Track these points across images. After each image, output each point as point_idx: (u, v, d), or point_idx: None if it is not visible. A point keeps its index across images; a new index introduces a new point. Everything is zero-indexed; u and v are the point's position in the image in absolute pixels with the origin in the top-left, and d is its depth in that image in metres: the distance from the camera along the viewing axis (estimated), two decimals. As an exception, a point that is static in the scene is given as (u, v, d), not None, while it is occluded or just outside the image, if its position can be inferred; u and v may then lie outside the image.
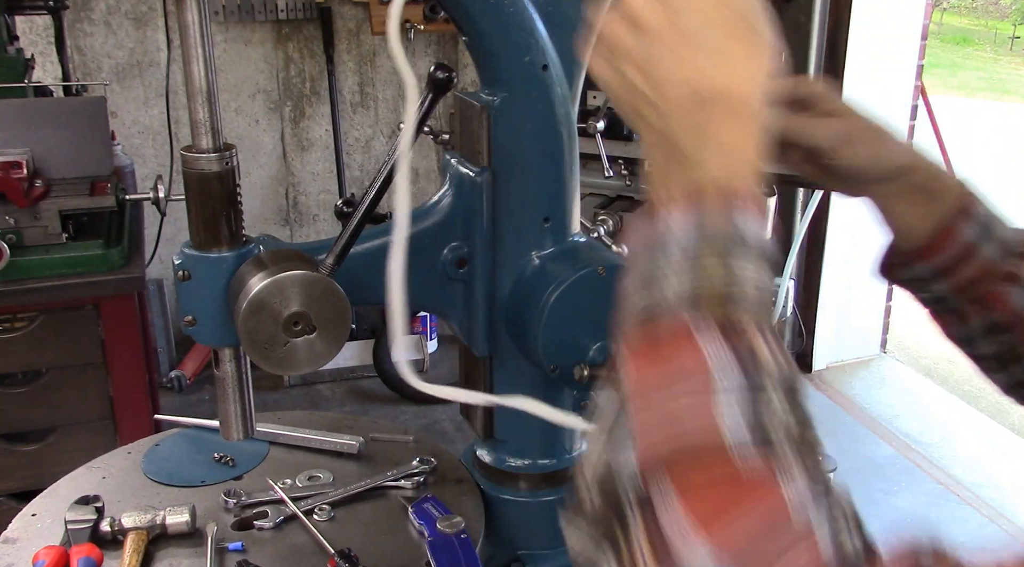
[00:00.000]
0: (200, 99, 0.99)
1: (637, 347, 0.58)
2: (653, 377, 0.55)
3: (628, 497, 0.53)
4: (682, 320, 0.56)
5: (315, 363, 1.05)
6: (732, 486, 0.50)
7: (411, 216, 1.17)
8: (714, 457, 0.51)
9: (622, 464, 0.54)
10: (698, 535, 0.49)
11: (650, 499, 0.52)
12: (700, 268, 0.57)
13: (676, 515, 0.50)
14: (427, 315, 4.20)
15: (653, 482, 0.52)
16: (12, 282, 2.14)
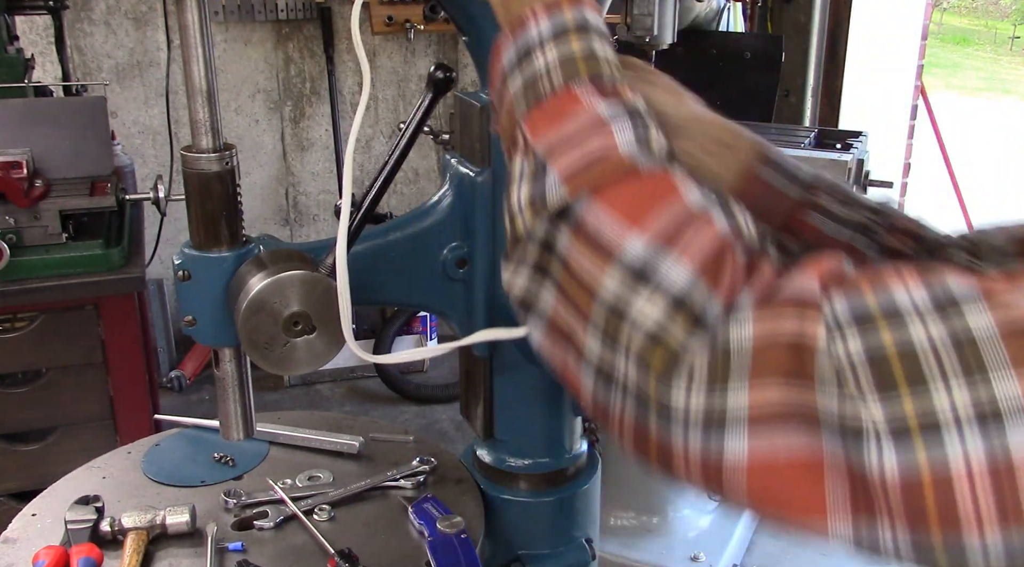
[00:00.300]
0: (200, 99, 0.99)
1: (532, 118, 0.73)
2: (557, 134, 0.71)
3: (551, 224, 0.69)
4: (566, 88, 0.73)
5: (315, 363, 1.05)
6: (646, 191, 0.67)
7: (410, 215, 1.17)
8: (627, 174, 0.68)
9: (542, 193, 0.70)
10: (631, 229, 0.65)
11: (577, 217, 0.67)
12: (567, 45, 0.75)
13: (605, 218, 0.66)
14: (427, 315, 4.20)
15: (577, 203, 0.67)
16: (12, 282, 2.14)
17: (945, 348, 0.56)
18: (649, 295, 0.63)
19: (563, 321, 0.69)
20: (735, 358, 0.60)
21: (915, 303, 0.58)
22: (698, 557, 2.73)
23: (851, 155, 2.34)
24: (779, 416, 0.59)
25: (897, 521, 0.57)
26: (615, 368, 0.65)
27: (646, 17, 2.35)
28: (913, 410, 0.55)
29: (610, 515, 2.82)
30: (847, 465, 0.58)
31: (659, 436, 0.64)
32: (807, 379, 0.58)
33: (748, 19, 3.58)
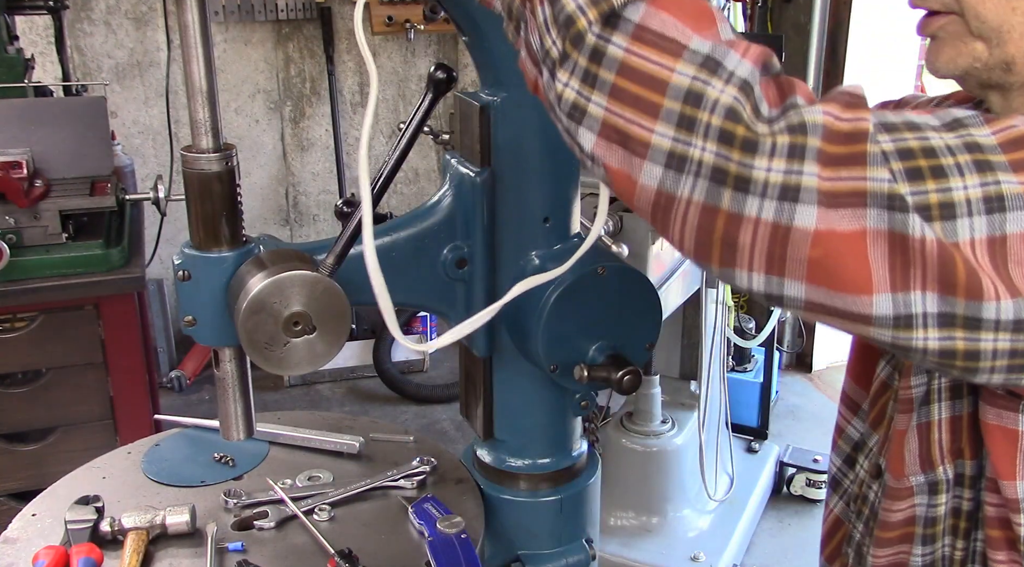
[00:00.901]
0: (200, 99, 0.99)
1: None
2: None
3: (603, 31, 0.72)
4: None
5: (315, 363, 1.05)
6: (699, 8, 0.72)
7: (411, 215, 1.17)
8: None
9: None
10: (696, 31, 0.71)
11: (634, 23, 0.71)
12: None
13: (670, 21, 0.71)
14: (427, 315, 4.20)
15: (634, 8, 0.71)
16: (12, 282, 2.14)
17: (959, 150, 0.69)
18: (724, 81, 0.69)
19: (618, 122, 0.72)
20: (810, 137, 0.68)
21: (927, 121, 0.71)
22: (698, 557, 2.73)
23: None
24: (838, 200, 0.67)
25: (929, 287, 0.68)
26: (691, 147, 0.70)
27: (646, 17, 2.35)
28: (936, 197, 0.68)
29: (610, 515, 2.82)
30: (889, 235, 0.67)
31: (731, 210, 0.70)
32: (861, 162, 0.67)
33: (748, 19, 3.58)
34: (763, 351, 3.48)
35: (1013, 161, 0.68)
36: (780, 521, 3.20)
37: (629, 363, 1.12)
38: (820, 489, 3.25)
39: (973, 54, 0.85)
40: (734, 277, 0.72)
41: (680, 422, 2.88)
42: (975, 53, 0.85)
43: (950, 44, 0.86)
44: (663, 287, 2.35)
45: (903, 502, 0.97)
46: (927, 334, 0.69)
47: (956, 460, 0.93)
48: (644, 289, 1.17)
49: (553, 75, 0.76)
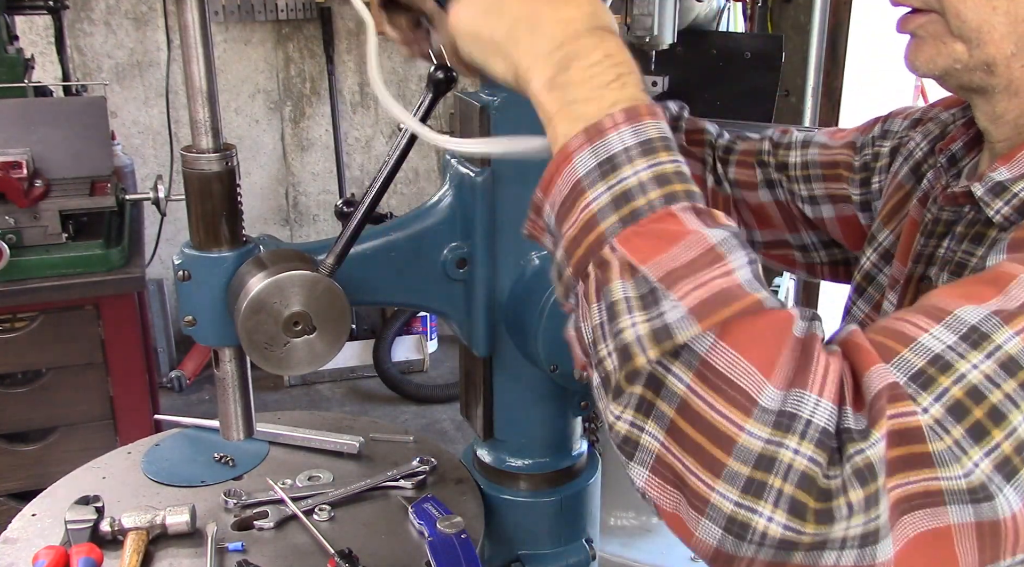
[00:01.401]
0: (200, 99, 0.99)
1: (631, 239, 0.67)
2: (668, 258, 0.66)
3: (665, 361, 0.65)
4: (667, 210, 0.68)
5: (315, 363, 1.04)
6: (772, 331, 0.65)
7: (411, 215, 1.17)
8: (753, 313, 0.65)
9: (665, 325, 0.65)
10: (767, 377, 0.63)
11: (701, 357, 0.64)
12: (658, 162, 0.69)
13: (740, 364, 0.63)
14: (427, 315, 4.20)
15: (701, 341, 0.64)
16: (12, 282, 2.14)
17: (999, 377, 0.63)
18: (799, 437, 0.62)
19: (674, 463, 0.65)
20: (880, 476, 0.62)
21: (947, 344, 0.65)
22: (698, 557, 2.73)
23: (851, 155, 2.33)
24: (910, 504, 0.63)
25: (1019, 550, 0.64)
26: (755, 516, 0.63)
27: (646, 17, 2.35)
28: (1006, 440, 0.63)
29: (610, 515, 2.82)
30: (978, 526, 0.63)
31: (804, 564, 0.64)
32: (927, 462, 0.63)
33: (748, 19, 3.58)
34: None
35: None
36: (780, 521, 3.20)
37: (629, 363, 1.12)
38: (820, 489, 3.24)
39: (953, 55, 0.83)
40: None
41: (680, 422, 2.88)
42: (955, 54, 0.83)
43: (930, 43, 0.85)
44: (663, 287, 2.35)
45: None
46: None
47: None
48: (644, 289, 1.17)
49: (605, 394, 0.69)
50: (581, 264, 0.71)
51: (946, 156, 0.98)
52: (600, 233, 0.69)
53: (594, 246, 0.69)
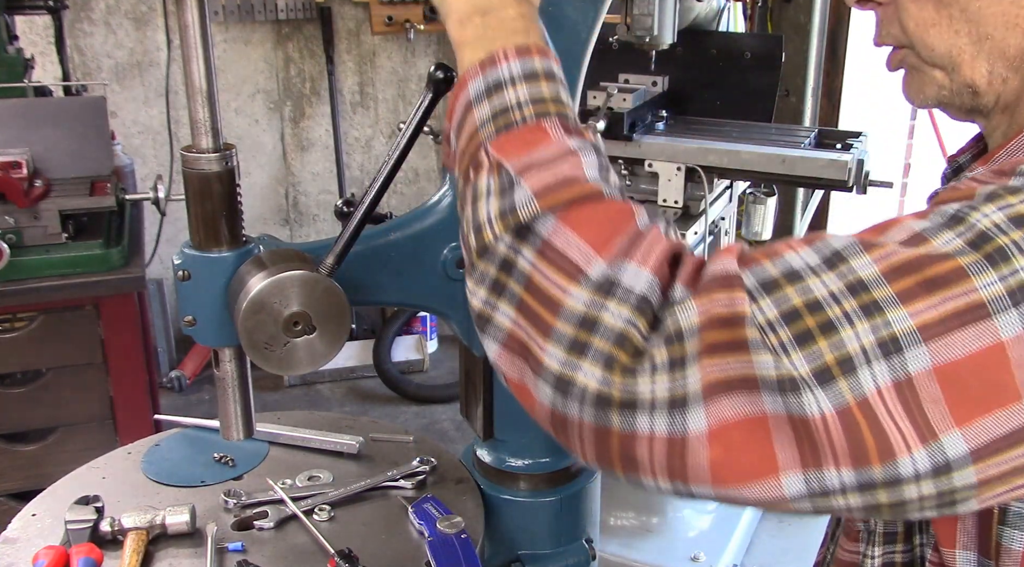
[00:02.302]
0: (200, 99, 0.99)
1: (502, 142, 0.78)
2: (528, 157, 0.76)
3: (514, 242, 0.74)
4: (535, 119, 0.79)
5: (315, 363, 1.05)
6: (608, 216, 0.74)
7: (411, 215, 1.17)
8: (592, 199, 0.74)
9: (512, 206, 0.75)
10: (596, 250, 0.71)
11: (542, 237, 0.73)
12: (537, 87, 0.81)
13: (573, 240, 0.72)
14: (427, 315, 4.20)
15: (544, 221, 0.73)
16: (12, 282, 2.14)
17: (843, 295, 0.65)
18: (618, 301, 0.69)
19: (521, 335, 0.73)
20: (688, 342, 0.67)
21: (807, 262, 0.67)
22: (698, 557, 2.73)
23: (851, 155, 2.34)
24: (728, 387, 0.65)
25: (842, 464, 0.64)
26: (577, 373, 0.70)
27: (646, 17, 2.35)
28: (831, 355, 0.64)
29: (610, 515, 2.82)
30: (789, 419, 0.64)
31: (623, 430, 0.69)
32: (744, 347, 0.65)
33: (748, 19, 3.58)
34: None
35: (900, 292, 0.64)
36: (780, 521, 3.20)
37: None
38: (820, 489, 3.24)
39: (936, 82, 0.85)
40: (641, 483, 0.72)
41: (680, 422, 2.88)
42: (937, 81, 0.85)
43: (915, 76, 0.87)
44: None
45: (852, 544, 0.98)
46: (848, 500, 0.66)
47: None
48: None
49: (466, 278, 0.79)
50: (465, 169, 0.82)
51: (952, 167, 0.99)
52: (479, 141, 0.80)
53: (475, 152, 0.80)
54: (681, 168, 2.38)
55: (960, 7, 0.80)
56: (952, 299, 0.63)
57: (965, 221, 0.66)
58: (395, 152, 1.06)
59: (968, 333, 0.63)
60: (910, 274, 0.64)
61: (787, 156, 2.36)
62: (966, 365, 0.63)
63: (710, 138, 2.47)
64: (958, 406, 0.63)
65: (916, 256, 0.65)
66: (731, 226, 2.92)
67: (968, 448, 0.63)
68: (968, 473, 0.64)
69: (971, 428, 0.63)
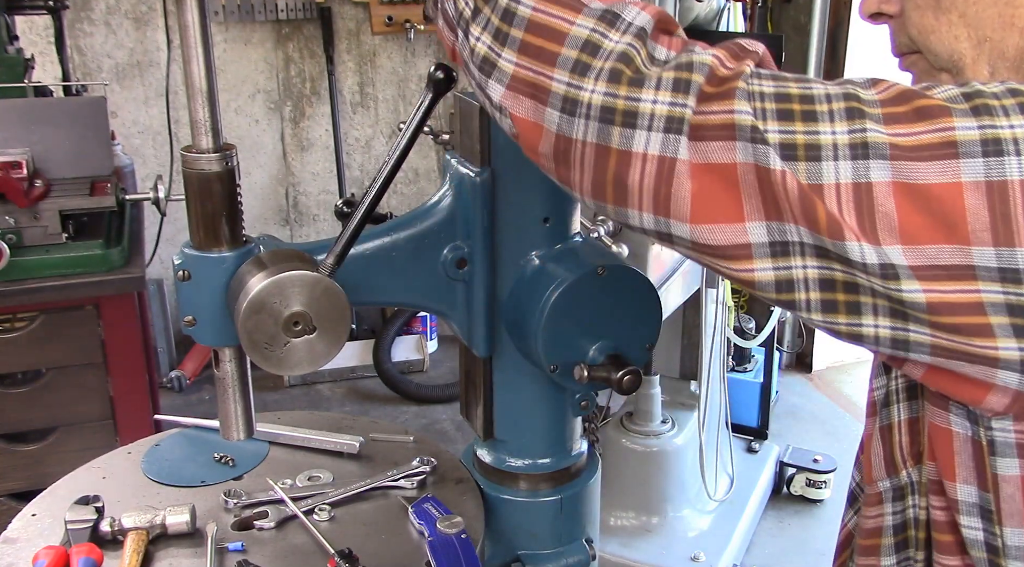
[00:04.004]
0: (200, 99, 0.99)
1: None
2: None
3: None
4: None
5: (315, 363, 1.04)
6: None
7: (411, 215, 1.17)
8: None
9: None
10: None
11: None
12: None
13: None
14: (427, 315, 4.20)
15: None
16: (12, 282, 2.14)
17: (836, 98, 0.70)
18: (621, 32, 0.76)
19: (526, 72, 0.79)
20: (696, 74, 0.72)
21: (821, 80, 0.73)
22: (698, 557, 2.73)
23: (851, 155, 2.34)
24: (715, 130, 0.71)
25: (800, 222, 0.69)
26: (583, 90, 0.75)
27: (646, 17, 2.35)
28: (802, 138, 0.69)
29: (610, 515, 2.82)
30: (756, 169, 0.70)
31: (621, 146, 0.74)
32: (730, 96, 0.71)
33: (748, 19, 3.58)
34: (763, 351, 3.48)
35: (887, 114, 0.68)
36: (780, 521, 3.21)
37: (629, 363, 1.12)
38: (820, 489, 3.25)
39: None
40: (627, 217, 0.77)
41: (680, 422, 2.88)
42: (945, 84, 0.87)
43: (922, 79, 0.89)
44: (663, 287, 2.35)
45: (875, 508, 0.98)
46: (806, 264, 0.71)
47: (917, 464, 0.92)
48: (644, 289, 1.17)
49: (467, 33, 0.83)
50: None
51: None
52: None
53: None
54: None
55: (958, 12, 0.82)
56: (930, 132, 0.67)
57: (967, 83, 0.71)
58: (395, 152, 1.06)
59: (935, 166, 0.66)
60: (901, 102, 0.69)
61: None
62: (925, 192, 0.66)
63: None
64: (907, 225, 0.66)
65: (912, 91, 0.70)
66: (731, 226, 2.92)
67: (908, 263, 0.67)
68: (915, 287, 0.67)
69: (915, 249, 0.66)
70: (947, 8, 0.82)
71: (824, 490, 3.25)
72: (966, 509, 0.84)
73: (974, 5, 0.81)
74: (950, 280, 0.66)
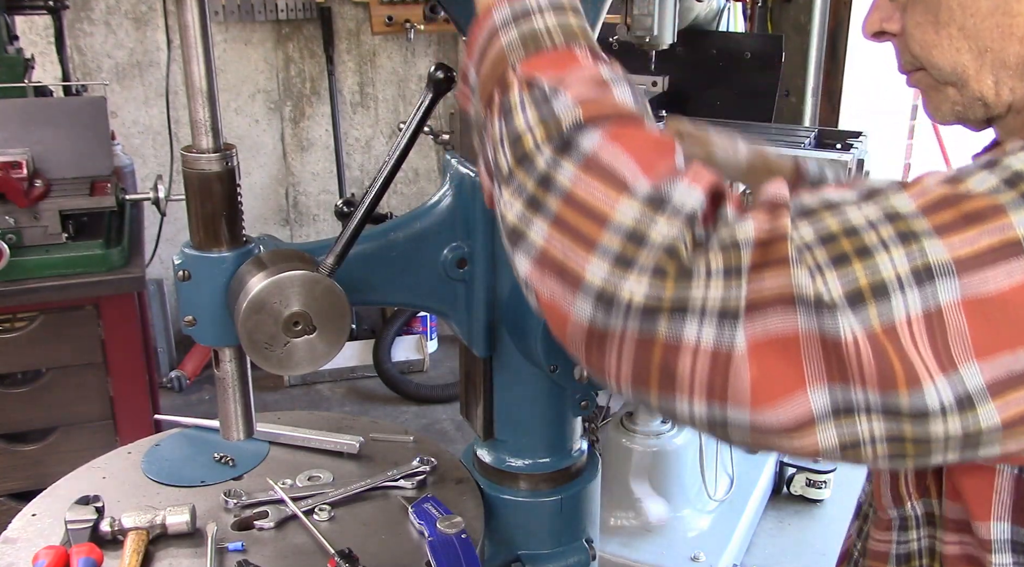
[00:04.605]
0: (200, 99, 0.99)
1: (532, 61, 0.79)
2: (562, 74, 0.77)
3: (554, 157, 0.73)
4: (567, 45, 0.80)
5: (315, 363, 1.05)
6: (653, 139, 0.74)
7: (411, 215, 1.17)
8: (634, 120, 0.75)
9: (552, 122, 0.74)
10: (645, 166, 0.71)
11: (586, 151, 0.72)
12: (564, 17, 0.82)
13: (622, 155, 0.71)
14: (427, 315, 4.20)
15: (587, 134, 0.73)
16: (12, 282, 2.14)
17: (880, 222, 0.66)
18: (668, 216, 0.69)
19: (557, 251, 0.71)
20: (744, 253, 0.67)
21: (845, 197, 0.69)
22: (698, 557, 2.73)
23: (851, 155, 2.34)
24: (769, 302, 0.66)
25: (869, 385, 0.65)
26: (623, 285, 0.68)
27: (646, 17, 2.36)
28: (864, 275, 0.65)
29: (610, 515, 2.82)
30: (821, 338, 0.65)
31: (668, 340, 0.67)
32: (784, 266, 0.66)
33: (748, 19, 3.58)
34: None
35: (938, 226, 0.65)
36: (780, 521, 3.20)
37: (629, 363, 1.12)
38: (820, 489, 3.25)
39: (950, 99, 0.87)
40: (674, 405, 0.70)
41: (680, 422, 2.87)
42: (951, 98, 0.87)
43: (931, 95, 0.89)
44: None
45: (884, 533, 0.97)
46: (872, 426, 0.66)
47: (923, 498, 0.92)
48: (644, 289, 1.17)
49: (500, 193, 0.77)
50: (488, 93, 0.81)
51: None
52: (506, 64, 0.80)
53: (501, 75, 0.79)
54: (681, 168, 2.38)
55: (957, 26, 0.82)
56: (988, 234, 0.64)
57: (999, 164, 0.68)
58: (395, 152, 1.06)
59: (1001, 269, 0.63)
60: (947, 208, 0.66)
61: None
62: (995, 301, 0.63)
63: (710, 138, 2.46)
64: (980, 339, 0.64)
65: (953, 193, 0.66)
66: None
67: (985, 380, 0.64)
68: (990, 411, 0.64)
69: (990, 362, 0.64)
70: (946, 22, 0.83)
71: (824, 490, 3.25)
72: (998, 547, 0.83)
73: (972, 17, 0.81)
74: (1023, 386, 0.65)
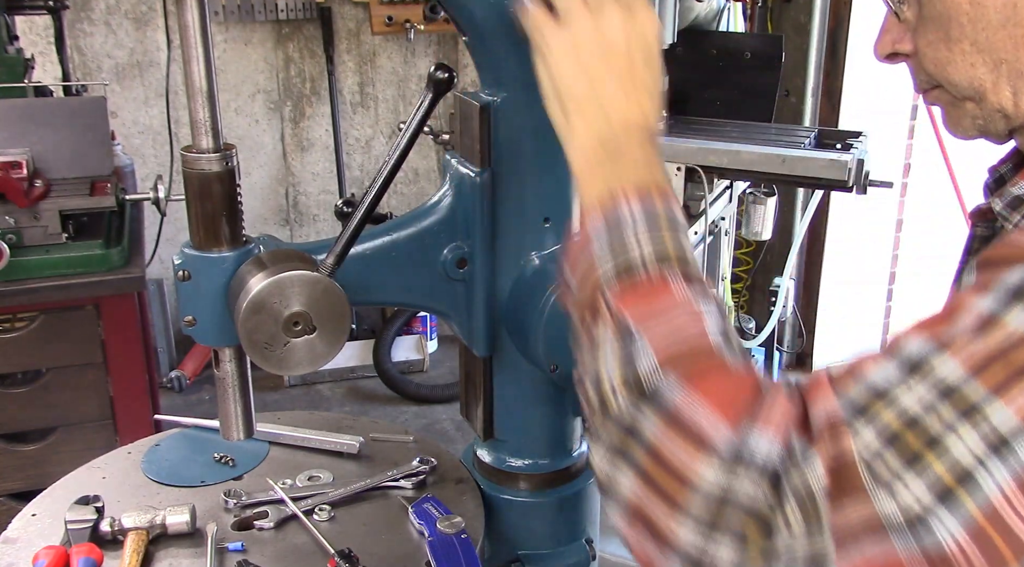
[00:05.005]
0: (200, 99, 0.99)
1: (623, 294, 0.78)
2: (649, 310, 0.77)
3: (638, 408, 0.72)
4: (660, 273, 0.79)
5: (315, 363, 1.05)
6: (734, 385, 0.72)
7: (411, 215, 1.17)
8: (717, 367, 0.73)
9: (630, 371, 0.74)
10: (726, 420, 0.69)
11: (669, 405, 0.70)
12: (660, 239, 0.81)
13: (703, 411, 0.69)
14: (427, 315, 4.20)
15: (671, 390, 0.71)
16: (12, 282, 2.14)
17: (938, 402, 0.63)
18: (744, 471, 0.67)
19: (646, 507, 0.71)
20: (820, 501, 0.65)
21: (889, 377, 0.67)
22: (698, 557, 2.73)
23: (851, 155, 2.34)
24: (858, 534, 0.63)
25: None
26: (707, 553, 0.67)
27: (646, 17, 2.35)
28: (944, 468, 0.62)
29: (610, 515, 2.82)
30: (923, 554, 0.62)
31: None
32: (862, 492, 0.63)
33: (748, 19, 3.58)
34: (763, 351, 3.48)
35: (994, 387, 0.63)
36: (780, 521, 3.20)
37: (629, 363, 1.12)
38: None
39: (970, 114, 0.87)
40: None
41: (680, 422, 2.87)
42: (971, 113, 0.87)
43: (950, 111, 0.89)
44: (663, 287, 2.35)
45: None
46: None
47: None
48: (644, 289, 1.17)
49: (590, 437, 0.78)
50: (581, 313, 0.83)
51: (994, 177, 0.99)
52: (598, 286, 0.81)
53: (592, 297, 0.81)
54: (681, 168, 2.38)
55: (969, 41, 0.82)
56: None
57: (1020, 290, 0.65)
58: (395, 152, 1.06)
59: None
60: (996, 364, 0.63)
61: (787, 156, 2.36)
62: None
63: (710, 138, 2.46)
64: None
65: (997, 345, 0.64)
66: (731, 226, 2.92)
67: None
68: None
69: None
70: (958, 38, 0.82)
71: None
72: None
73: (983, 31, 0.81)
74: None
